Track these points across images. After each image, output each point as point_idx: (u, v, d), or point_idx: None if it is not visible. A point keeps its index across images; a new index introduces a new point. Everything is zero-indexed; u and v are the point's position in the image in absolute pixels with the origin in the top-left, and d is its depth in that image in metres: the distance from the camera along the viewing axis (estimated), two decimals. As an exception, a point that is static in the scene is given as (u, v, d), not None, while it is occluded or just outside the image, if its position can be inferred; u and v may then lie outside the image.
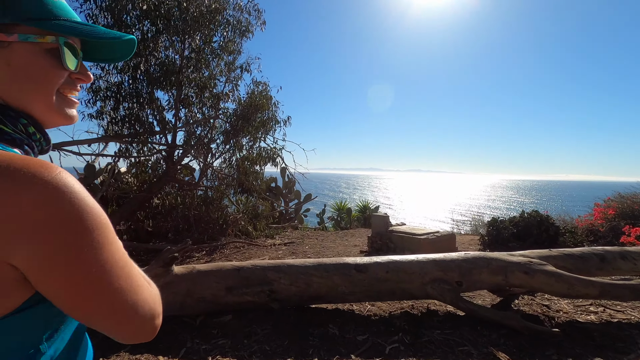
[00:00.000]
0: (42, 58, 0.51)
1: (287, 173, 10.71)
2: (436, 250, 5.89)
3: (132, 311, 0.50)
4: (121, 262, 0.50)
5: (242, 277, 2.95)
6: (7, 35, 0.48)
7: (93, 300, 0.47)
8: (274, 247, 6.51)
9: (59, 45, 0.52)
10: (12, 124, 0.49)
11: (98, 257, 0.46)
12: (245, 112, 6.13)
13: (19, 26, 0.49)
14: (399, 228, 6.38)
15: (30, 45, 0.50)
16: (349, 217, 11.73)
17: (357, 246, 6.96)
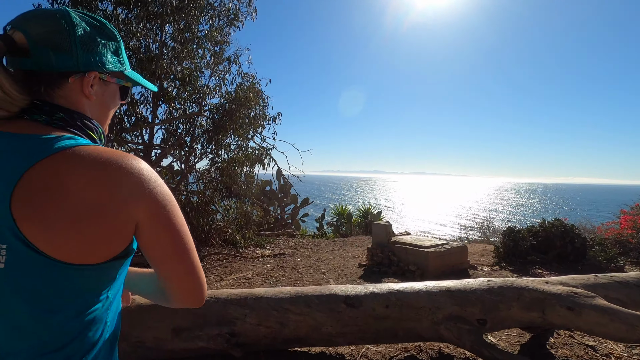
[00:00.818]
0: (117, 93, 0.79)
1: (282, 176, 10.01)
2: (445, 265, 5.15)
3: (198, 269, 0.71)
4: (188, 230, 0.71)
5: (195, 315, 2.23)
6: (111, 78, 0.75)
7: (181, 245, 0.67)
8: (261, 260, 5.78)
9: (130, 87, 0.83)
10: (95, 132, 0.72)
11: (182, 218, 0.69)
12: (231, 107, 5.43)
13: (119, 73, 0.77)
14: (403, 238, 5.64)
15: (117, 85, 0.78)
16: (350, 223, 10.98)
17: (356, 258, 6.22)
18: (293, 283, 4.48)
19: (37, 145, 0.58)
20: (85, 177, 0.57)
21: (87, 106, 0.71)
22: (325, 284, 4.49)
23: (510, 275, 5.04)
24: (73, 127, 0.66)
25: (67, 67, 0.66)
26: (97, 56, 0.69)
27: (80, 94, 0.69)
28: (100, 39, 0.70)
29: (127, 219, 0.61)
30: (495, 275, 5.02)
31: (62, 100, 0.67)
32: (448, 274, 5.02)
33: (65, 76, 0.66)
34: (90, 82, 0.69)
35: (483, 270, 5.34)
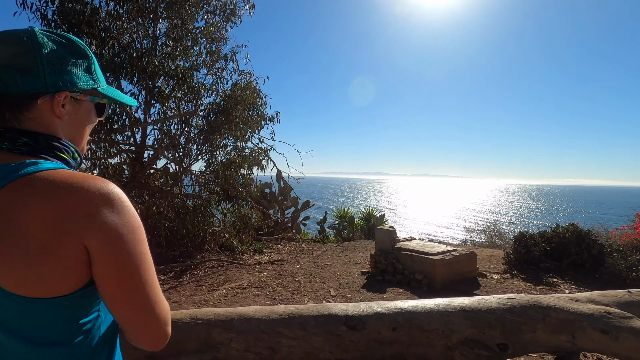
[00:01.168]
0: (92, 111, 0.75)
1: (282, 178, 9.73)
2: (453, 273, 4.84)
3: (157, 307, 0.65)
4: (151, 262, 0.66)
5: (173, 339, 1.93)
6: (84, 96, 0.71)
7: (131, 282, 0.62)
8: (258, 267, 5.49)
9: (107, 104, 0.78)
10: (66, 152, 0.68)
11: (140, 250, 0.63)
12: (227, 106, 5.15)
13: (92, 90, 0.72)
14: (408, 244, 5.33)
15: (91, 102, 0.74)
16: (352, 227, 10.68)
17: (359, 264, 5.92)
18: (290, 294, 4.19)
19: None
20: (36, 209, 0.56)
21: (60, 126, 0.69)
22: (325, 294, 4.19)
23: (523, 284, 4.72)
24: (40, 151, 0.64)
25: (35, 89, 0.63)
26: (66, 75, 0.66)
27: (51, 115, 0.66)
28: (70, 57, 0.68)
29: (79, 251, 0.58)
30: (507, 284, 4.71)
31: (32, 122, 0.65)
32: (456, 283, 4.71)
33: (34, 98, 0.64)
34: (60, 102, 0.66)
35: (493, 279, 5.03)
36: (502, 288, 4.55)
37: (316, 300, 3.98)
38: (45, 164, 0.61)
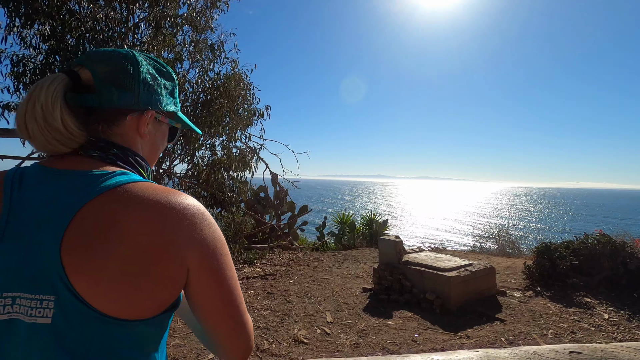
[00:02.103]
0: (167, 134, 0.76)
1: (277, 182, 9.07)
2: (470, 292, 4.17)
3: (246, 317, 0.63)
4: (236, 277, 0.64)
5: None
6: (165, 118, 0.73)
7: (230, 295, 0.60)
8: (246, 283, 4.83)
9: (180, 130, 0.81)
10: (145, 170, 0.69)
11: (231, 262, 0.62)
12: (207, 98, 4.50)
13: (172, 113, 0.74)
14: (417, 258, 4.67)
15: (167, 125, 0.75)
16: (353, 233, 10.01)
17: (360, 278, 5.26)
18: (279, 320, 3.52)
19: (91, 182, 0.56)
20: (140, 218, 0.53)
21: (140, 145, 0.70)
22: (320, 320, 3.53)
23: (551, 305, 4.06)
24: (125, 164, 0.64)
25: (127, 105, 0.65)
26: (155, 95, 0.69)
27: (135, 132, 0.68)
28: (160, 79, 0.71)
29: (180, 266, 0.56)
30: (532, 305, 4.05)
31: (117, 137, 0.66)
32: (474, 304, 4.04)
33: (124, 113, 0.65)
34: (147, 120, 0.68)
35: (514, 297, 4.36)
36: (528, 310, 3.89)
37: (309, 329, 3.31)
38: (134, 176, 0.61)
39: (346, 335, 3.18)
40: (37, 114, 0.57)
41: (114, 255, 0.50)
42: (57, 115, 0.57)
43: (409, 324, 3.48)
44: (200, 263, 0.57)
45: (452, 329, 3.40)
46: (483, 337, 3.19)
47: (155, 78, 0.69)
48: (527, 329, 3.37)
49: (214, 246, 0.59)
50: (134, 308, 0.53)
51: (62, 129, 0.57)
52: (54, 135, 0.58)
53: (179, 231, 0.55)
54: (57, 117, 0.57)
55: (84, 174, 0.57)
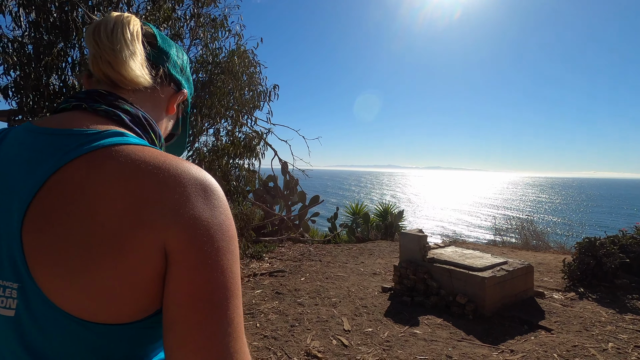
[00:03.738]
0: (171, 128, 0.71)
1: (287, 171, 8.61)
2: (506, 295, 3.64)
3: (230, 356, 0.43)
4: (239, 291, 0.47)
5: None
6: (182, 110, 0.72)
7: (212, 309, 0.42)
8: (252, 281, 4.40)
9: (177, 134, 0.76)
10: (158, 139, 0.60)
11: (233, 267, 0.46)
12: (210, 77, 4.00)
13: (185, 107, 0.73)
14: (443, 254, 4.16)
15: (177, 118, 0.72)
16: (367, 225, 9.52)
17: (378, 275, 4.79)
18: (289, 327, 3.07)
19: (75, 143, 0.46)
20: (112, 190, 0.42)
21: (162, 118, 0.65)
22: (336, 328, 3.07)
23: (601, 310, 3.51)
24: (136, 125, 0.55)
25: (172, 74, 0.64)
26: (188, 84, 0.70)
27: (165, 104, 0.65)
28: (191, 77, 0.72)
29: (157, 255, 0.42)
30: (578, 310, 3.51)
31: (145, 97, 0.60)
32: (511, 308, 3.53)
33: (169, 81, 0.63)
34: (182, 98, 0.67)
35: (555, 299, 3.83)
36: (575, 316, 3.36)
37: (323, 339, 2.85)
38: (132, 138, 0.50)
39: (367, 348, 2.71)
40: (129, 37, 0.54)
41: (74, 236, 0.40)
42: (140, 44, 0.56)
43: (439, 334, 2.99)
44: (182, 249, 0.42)
45: (491, 340, 2.91)
46: (530, 351, 2.69)
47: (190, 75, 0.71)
48: (581, 341, 2.85)
49: (209, 233, 0.44)
50: (102, 309, 0.42)
51: (143, 60, 0.55)
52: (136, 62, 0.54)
53: (159, 205, 0.42)
54: (140, 46, 0.56)
55: (73, 132, 0.47)
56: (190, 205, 0.44)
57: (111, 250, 0.41)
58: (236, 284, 0.46)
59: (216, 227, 0.45)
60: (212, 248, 0.44)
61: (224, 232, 0.46)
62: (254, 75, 4.40)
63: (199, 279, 0.42)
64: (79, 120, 0.50)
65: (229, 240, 0.46)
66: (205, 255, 0.43)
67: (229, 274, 0.45)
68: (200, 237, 0.43)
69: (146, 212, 0.42)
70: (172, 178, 0.44)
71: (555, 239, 9.11)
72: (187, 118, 0.75)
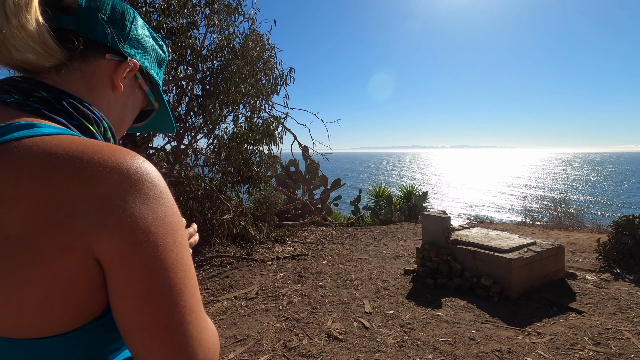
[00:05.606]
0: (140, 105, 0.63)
1: (308, 155, 8.60)
2: (534, 276, 3.52)
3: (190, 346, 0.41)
4: (194, 279, 0.44)
5: None
6: (145, 85, 0.61)
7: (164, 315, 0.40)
8: (275, 264, 4.48)
9: (154, 110, 0.68)
10: (96, 125, 0.51)
11: (182, 261, 0.42)
12: (224, 62, 4.00)
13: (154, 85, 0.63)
14: (467, 236, 4.06)
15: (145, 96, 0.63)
16: (390, 207, 9.43)
17: (400, 257, 4.75)
18: (310, 310, 3.11)
19: None
20: (16, 194, 0.37)
21: (106, 100, 0.55)
22: (357, 310, 3.08)
23: (637, 290, 3.34)
24: (57, 113, 0.47)
25: (110, 42, 0.52)
26: (143, 51, 0.59)
27: (106, 80, 0.54)
28: (152, 42, 0.62)
29: (84, 262, 0.38)
30: (612, 291, 3.35)
31: (78, 76, 0.51)
32: (539, 289, 3.42)
33: (102, 51, 0.52)
34: (127, 68, 0.55)
35: (587, 281, 3.67)
36: (609, 298, 3.21)
37: (344, 321, 2.88)
38: (44, 128, 0.42)
39: (388, 330, 2.71)
40: (9, 8, 0.43)
41: None
42: (33, 15, 0.44)
43: (462, 316, 2.94)
44: (117, 254, 0.38)
45: (517, 322, 2.83)
46: (559, 334, 2.60)
47: (148, 37, 0.60)
48: (615, 324, 2.72)
49: (147, 230, 0.39)
50: (26, 325, 0.38)
51: (35, 34, 0.44)
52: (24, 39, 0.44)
53: (77, 207, 0.37)
54: (32, 17, 0.44)
55: None
56: (120, 202, 0.39)
57: (23, 261, 0.37)
58: (187, 277, 0.42)
59: (155, 222, 0.40)
60: (153, 247, 0.39)
61: (165, 226, 0.41)
62: (269, 59, 4.36)
63: (144, 284, 0.39)
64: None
65: (172, 233, 0.42)
66: (146, 258, 0.39)
67: (177, 269, 0.41)
68: (137, 238, 0.39)
69: (61, 214, 0.37)
70: (93, 170, 0.39)
71: (591, 219, 8.68)
72: (159, 88, 0.64)
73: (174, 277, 0.41)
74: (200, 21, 5.06)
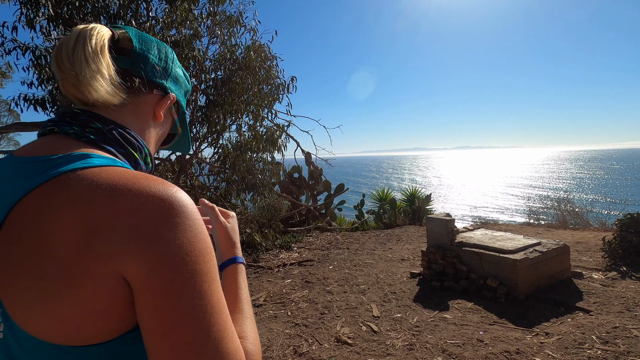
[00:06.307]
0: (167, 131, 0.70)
1: (311, 161, 8.65)
2: (540, 277, 3.53)
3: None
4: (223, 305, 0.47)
5: None
6: (176, 114, 0.70)
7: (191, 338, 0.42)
8: (282, 271, 4.51)
9: (178, 135, 0.75)
10: (139, 152, 0.58)
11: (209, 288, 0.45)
12: (226, 73, 4.07)
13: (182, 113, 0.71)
14: (472, 237, 4.08)
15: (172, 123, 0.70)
16: (394, 210, 9.45)
17: (406, 261, 4.77)
18: (319, 315, 3.14)
19: (40, 170, 0.46)
20: (63, 218, 0.42)
21: (148, 128, 0.63)
22: (365, 314, 3.11)
23: (645, 289, 3.34)
24: (108, 143, 0.53)
25: (156, 79, 0.62)
26: (178, 85, 0.67)
27: (150, 111, 0.62)
28: (183, 77, 0.70)
29: (114, 284, 0.42)
30: (620, 290, 3.36)
31: (128, 110, 0.59)
32: (546, 290, 3.43)
33: (151, 86, 0.61)
34: (169, 103, 0.64)
35: (594, 279, 3.68)
36: (617, 297, 3.22)
37: (353, 325, 2.90)
38: (96, 159, 0.48)
39: (397, 334, 2.73)
40: (88, 54, 0.50)
41: (29, 266, 0.41)
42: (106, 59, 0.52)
43: (470, 318, 2.96)
44: (141, 277, 0.41)
45: (525, 323, 2.85)
46: (566, 334, 2.61)
47: (179, 74, 0.68)
48: (623, 322, 2.73)
49: (171, 257, 0.42)
50: (68, 334, 0.42)
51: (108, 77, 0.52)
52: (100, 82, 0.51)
53: (111, 232, 0.41)
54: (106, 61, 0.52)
55: (38, 159, 0.47)
56: (147, 230, 0.42)
57: (64, 280, 0.41)
58: (209, 303, 0.44)
59: (180, 249, 0.43)
60: (176, 273, 0.42)
61: (190, 253, 0.44)
62: (271, 68, 4.43)
63: (165, 306, 0.42)
64: (48, 146, 0.49)
65: (197, 259, 0.44)
66: (168, 282, 0.42)
67: (201, 295, 0.43)
68: (161, 263, 0.42)
69: (96, 240, 0.41)
70: (126, 201, 0.43)
71: (596, 217, 8.66)
72: (185, 116, 0.72)
73: (194, 303, 0.43)
74: (202, 32, 5.16)
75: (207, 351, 0.43)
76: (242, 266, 0.69)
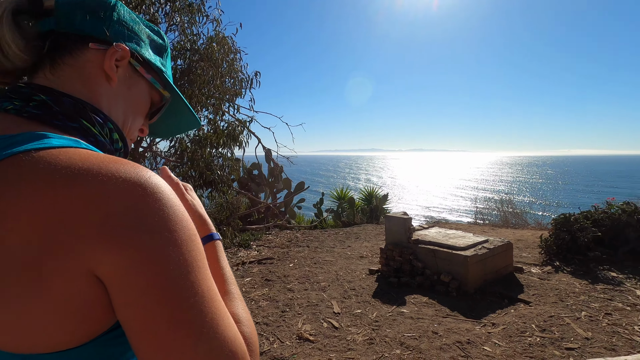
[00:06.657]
0: (148, 97, 0.59)
1: (272, 158, 8.56)
2: (488, 272, 3.81)
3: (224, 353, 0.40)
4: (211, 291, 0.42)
5: None
6: (146, 73, 0.56)
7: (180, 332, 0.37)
8: (242, 269, 4.42)
9: (166, 101, 0.61)
10: (100, 126, 0.50)
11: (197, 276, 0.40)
12: (189, 64, 3.90)
13: (156, 73, 0.58)
14: (427, 235, 4.28)
15: (151, 88, 0.59)
16: (352, 209, 9.64)
17: (365, 258, 4.89)
18: (280, 313, 3.13)
19: None
20: (18, 212, 0.36)
21: (105, 93, 0.52)
22: (326, 311, 3.15)
23: (575, 282, 3.72)
24: (56, 117, 0.45)
25: (90, 31, 0.50)
26: (132, 34, 0.54)
27: (98, 71, 0.51)
28: (144, 27, 0.57)
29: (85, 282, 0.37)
30: (554, 282, 3.71)
31: (69, 71, 0.49)
32: (492, 284, 3.70)
33: (85, 40, 0.50)
34: (115, 53, 0.51)
35: (533, 274, 4.03)
36: (552, 289, 3.55)
37: (314, 322, 2.93)
38: (55, 140, 0.42)
39: (357, 329, 2.80)
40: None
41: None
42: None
43: (425, 311, 3.11)
44: (120, 274, 0.36)
45: (474, 315, 3.05)
46: (510, 324, 2.84)
47: (138, 23, 0.55)
48: (557, 311, 3.02)
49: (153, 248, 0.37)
50: (33, 342, 0.37)
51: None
52: None
53: (77, 224, 0.35)
54: None
55: None
56: (122, 221, 0.37)
57: (25, 281, 0.36)
58: (202, 292, 0.40)
59: (162, 240, 0.38)
60: (161, 267, 0.38)
61: (173, 243, 0.39)
62: (234, 62, 4.31)
63: (151, 303, 0.37)
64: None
65: (181, 249, 0.40)
66: (153, 277, 0.37)
67: (190, 285, 0.39)
68: (143, 258, 0.37)
69: (62, 234, 0.36)
70: (92, 188, 0.37)
71: (534, 217, 9.48)
72: (164, 75, 0.59)
73: (183, 295, 0.38)
74: (160, 18, 4.90)
75: (203, 343, 0.39)
76: (219, 242, 0.63)
